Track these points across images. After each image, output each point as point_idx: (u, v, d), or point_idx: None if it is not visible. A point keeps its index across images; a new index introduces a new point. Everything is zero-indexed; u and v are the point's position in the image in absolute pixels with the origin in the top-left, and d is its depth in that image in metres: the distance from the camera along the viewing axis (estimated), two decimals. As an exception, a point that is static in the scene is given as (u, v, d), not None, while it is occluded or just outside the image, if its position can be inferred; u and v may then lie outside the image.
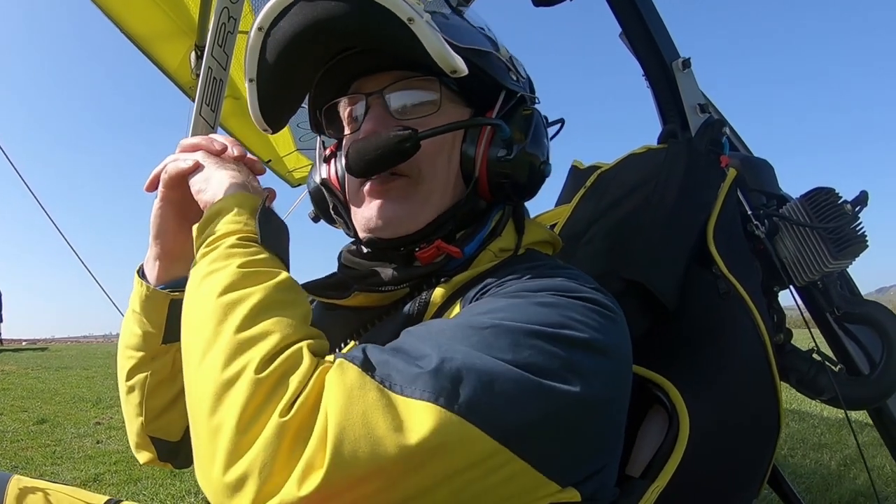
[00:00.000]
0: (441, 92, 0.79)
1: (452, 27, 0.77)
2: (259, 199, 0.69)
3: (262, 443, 0.48)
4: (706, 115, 1.36)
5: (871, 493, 2.58)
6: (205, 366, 0.54)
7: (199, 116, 1.39)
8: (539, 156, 0.83)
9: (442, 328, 0.60)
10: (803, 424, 4.28)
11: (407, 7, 0.67)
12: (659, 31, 1.40)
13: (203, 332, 0.57)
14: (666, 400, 0.87)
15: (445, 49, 0.68)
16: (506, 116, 0.82)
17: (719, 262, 1.05)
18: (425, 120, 0.79)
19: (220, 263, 0.61)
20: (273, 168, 4.13)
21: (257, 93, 0.80)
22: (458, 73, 0.69)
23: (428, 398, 0.50)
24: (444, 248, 0.77)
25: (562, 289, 0.66)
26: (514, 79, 0.85)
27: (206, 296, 0.59)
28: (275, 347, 0.54)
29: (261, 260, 0.63)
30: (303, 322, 0.59)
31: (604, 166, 1.35)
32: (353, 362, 0.53)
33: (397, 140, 0.73)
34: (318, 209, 0.93)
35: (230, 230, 0.65)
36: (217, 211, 0.67)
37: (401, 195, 0.79)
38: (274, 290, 0.60)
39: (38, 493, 0.99)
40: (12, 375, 8.49)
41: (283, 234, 0.70)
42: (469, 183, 0.81)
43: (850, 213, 1.18)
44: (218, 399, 0.51)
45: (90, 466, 3.55)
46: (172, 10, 2.70)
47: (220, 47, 1.38)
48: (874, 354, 1.25)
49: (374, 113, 0.79)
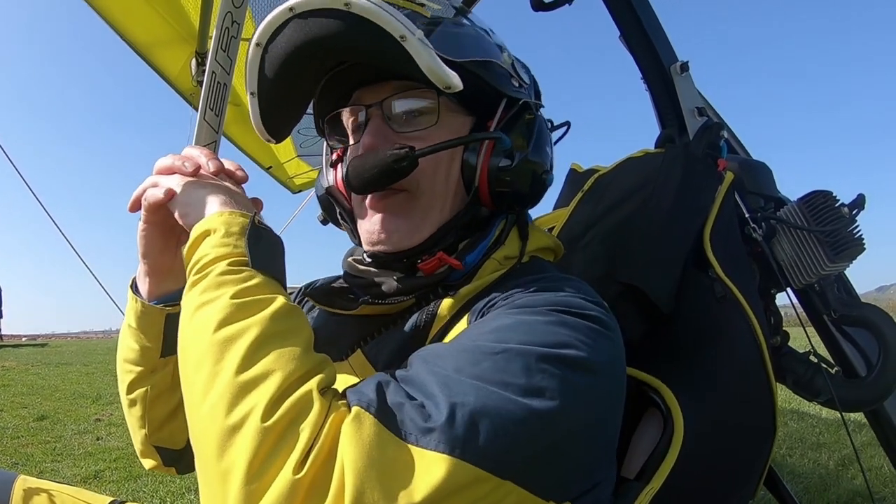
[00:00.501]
0: (439, 103, 0.79)
1: (450, 39, 0.76)
2: (247, 216, 0.67)
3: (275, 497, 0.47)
4: (704, 118, 1.36)
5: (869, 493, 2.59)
6: (207, 408, 0.53)
7: (203, 121, 1.39)
8: (541, 164, 0.83)
9: (452, 354, 0.59)
10: (802, 424, 4.28)
11: (399, 25, 0.67)
12: (657, 35, 1.40)
13: (201, 372, 0.55)
14: (661, 402, 0.88)
15: (438, 65, 0.68)
16: (507, 124, 0.81)
17: (716, 265, 1.06)
18: (424, 133, 0.78)
19: (212, 294, 0.59)
20: (274, 174, 4.14)
21: (259, 105, 0.80)
22: (452, 88, 0.69)
23: (443, 450, 0.50)
24: (445, 259, 0.78)
25: (567, 305, 0.66)
26: (516, 85, 0.84)
27: (200, 331, 0.57)
28: (279, 389, 0.52)
29: (254, 287, 0.61)
30: (305, 351, 0.57)
31: (602, 170, 1.36)
32: (368, 411, 0.52)
33: (393, 159, 0.73)
34: (326, 214, 0.93)
35: (219, 254, 0.63)
36: (203, 233, 0.65)
37: (401, 210, 0.79)
38: (271, 320, 0.58)
39: (42, 495, 1.00)
40: (12, 371, 8.49)
41: (277, 251, 0.68)
42: (470, 192, 0.81)
43: (848, 216, 1.19)
44: (224, 445, 0.50)
45: (90, 463, 3.56)
46: (173, 17, 2.71)
47: (224, 52, 1.38)
48: (871, 357, 1.26)
49: (374, 125, 0.79)
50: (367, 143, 0.78)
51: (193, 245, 0.65)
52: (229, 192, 0.72)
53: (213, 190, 0.71)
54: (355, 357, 0.81)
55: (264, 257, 0.65)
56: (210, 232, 0.65)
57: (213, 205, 0.69)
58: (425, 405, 0.53)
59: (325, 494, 0.47)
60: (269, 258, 0.65)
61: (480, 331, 0.63)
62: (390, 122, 0.79)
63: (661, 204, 1.11)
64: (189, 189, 0.72)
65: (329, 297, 0.87)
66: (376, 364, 0.79)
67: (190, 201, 0.71)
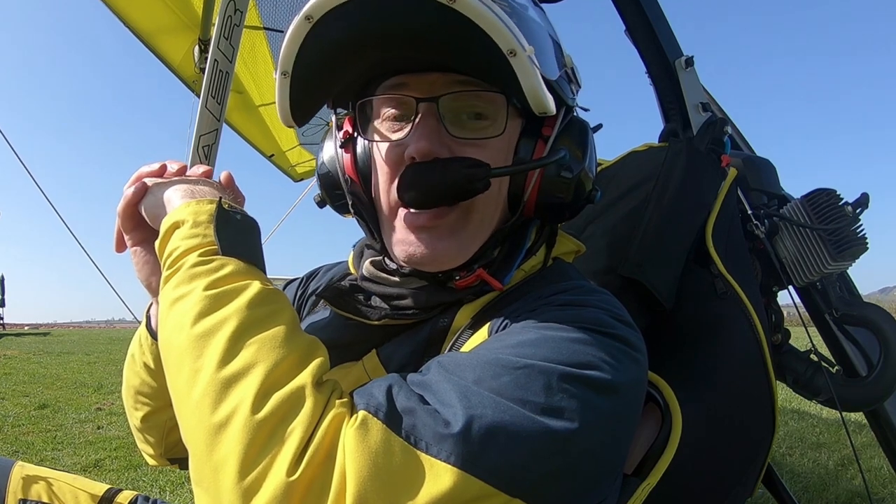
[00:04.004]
0: (508, 111, 0.71)
1: (544, 57, 0.68)
2: (213, 203, 0.64)
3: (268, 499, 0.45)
4: (708, 113, 1.35)
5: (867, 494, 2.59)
6: (192, 406, 0.51)
7: (204, 109, 1.40)
8: (591, 177, 0.77)
9: (472, 365, 0.56)
10: (802, 423, 4.28)
11: (510, 36, 0.59)
12: (662, 30, 1.40)
13: (183, 370, 0.53)
14: (660, 398, 0.88)
15: (542, 89, 0.62)
16: (563, 131, 0.76)
17: (717, 261, 1.05)
18: (488, 144, 0.70)
19: (185, 288, 0.57)
20: (276, 163, 4.14)
21: (290, 88, 0.69)
22: (547, 113, 0.65)
23: (454, 463, 0.48)
24: (485, 278, 0.73)
25: (594, 323, 0.62)
26: (573, 92, 0.78)
27: (178, 328, 0.55)
28: (265, 382, 0.50)
29: (227, 275, 0.58)
30: (289, 337, 0.55)
31: (605, 164, 1.35)
32: (377, 416, 0.50)
33: (467, 179, 0.67)
34: (328, 195, 0.82)
35: (189, 246, 0.60)
36: (173, 225, 0.63)
37: (451, 230, 0.71)
38: (248, 308, 0.55)
39: (41, 483, 1.00)
40: (14, 360, 8.52)
41: (249, 233, 0.65)
42: (515, 203, 0.76)
43: (851, 214, 1.18)
44: (212, 442, 0.48)
45: (91, 452, 3.57)
46: (176, 4, 2.72)
47: (227, 39, 1.38)
48: (872, 357, 1.26)
49: (427, 126, 0.69)
50: (422, 149, 0.68)
51: (164, 239, 0.64)
52: (194, 182, 0.70)
53: (178, 184, 0.69)
54: (369, 359, 0.77)
55: (235, 242, 0.62)
56: (179, 224, 0.63)
57: (179, 198, 0.67)
58: (440, 411, 0.51)
59: (323, 500, 0.46)
60: (241, 242, 0.63)
61: (503, 343, 0.60)
62: (444, 122, 0.69)
63: (664, 198, 1.10)
64: (154, 189, 0.70)
65: (343, 298, 0.81)
66: (389, 366, 0.75)
67: (157, 201, 0.69)
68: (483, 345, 0.62)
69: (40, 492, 1.00)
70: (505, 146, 0.73)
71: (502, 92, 0.69)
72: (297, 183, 4.48)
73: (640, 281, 1.01)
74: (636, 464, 0.83)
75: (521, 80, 0.61)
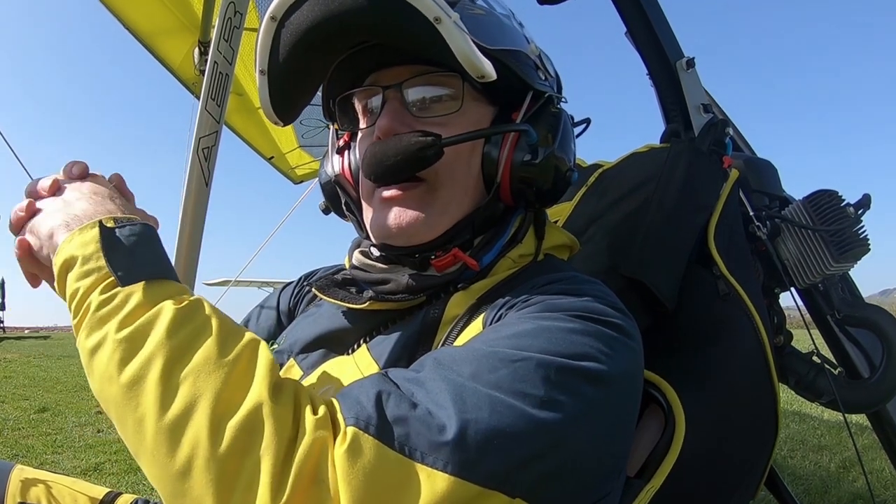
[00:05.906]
0: (464, 90, 0.75)
1: (483, 25, 0.73)
2: (95, 226, 0.59)
3: None
4: (710, 115, 1.35)
5: (870, 496, 2.58)
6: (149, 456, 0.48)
7: (204, 111, 1.39)
8: (566, 160, 0.80)
9: (468, 358, 0.56)
10: (803, 426, 4.28)
11: (433, 5, 0.63)
12: (663, 31, 1.39)
13: (127, 423, 0.50)
14: (663, 400, 0.87)
15: (474, 53, 0.65)
16: (532, 117, 0.78)
17: (719, 262, 1.05)
18: (446, 120, 0.75)
19: (98, 336, 0.53)
20: (276, 165, 4.13)
21: (268, 85, 0.75)
22: (486, 78, 0.66)
23: (451, 471, 0.47)
24: (460, 257, 0.74)
25: (589, 311, 0.63)
26: (542, 78, 0.81)
27: (105, 380, 0.52)
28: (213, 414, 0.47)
29: (134, 309, 0.54)
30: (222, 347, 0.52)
31: (606, 165, 1.35)
32: (367, 431, 0.48)
33: (418, 147, 0.70)
34: (330, 203, 0.89)
35: (87, 286, 0.56)
36: (63, 266, 0.58)
37: (418, 203, 0.75)
38: (167, 339, 0.52)
39: (39, 486, 1.00)
40: (14, 363, 8.53)
41: (143, 244, 0.60)
42: (490, 187, 0.78)
43: (853, 215, 1.18)
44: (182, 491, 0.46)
45: (90, 455, 3.57)
46: (176, 6, 2.72)
47: (227, 42, 1.38)
48: (874, 358, 1.25)
49: (391, 108, 0.75)
50: (383, 126, 0.73)
51: (60, 284, 0.59)
52: (66, 203, 0.64)
53: (53, 210, 0.63)
54: (360, 353, 0.77)
55: (130, 265, 0.58)
56: (69, 264, 0.58)
57: (59, 230, 0.61)
58: (434, 413, 0.50)
59: None
60: (137, 261, 0.58)
61: (499, 334, 0.60)
62: (409, 106, 0.75)
63: (666, 200, 1.10)
64: (35, 228, 0.64)
65: (333, 288, 0.84)
66: (381, 361, 0.74)
67: (39, 238, 0.63)
68: (479, 336, 0.62)
69: (39, 495, 0.99)
70: (471, 126, 0.76)
71: (456, 70, 0.71)
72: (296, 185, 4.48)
73: (642, 281, 1.01)
74: (639, 466, 0.82)
75: (450, 44, 0.64)
